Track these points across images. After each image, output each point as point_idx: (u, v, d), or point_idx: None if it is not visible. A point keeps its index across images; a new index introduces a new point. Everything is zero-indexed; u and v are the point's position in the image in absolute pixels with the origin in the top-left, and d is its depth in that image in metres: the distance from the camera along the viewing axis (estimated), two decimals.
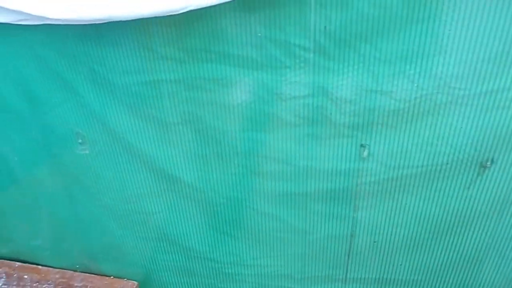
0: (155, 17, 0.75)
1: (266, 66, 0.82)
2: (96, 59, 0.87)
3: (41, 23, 0.79)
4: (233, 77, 0.84)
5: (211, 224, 1.06)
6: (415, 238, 0.99)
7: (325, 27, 0.75)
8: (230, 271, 1.14)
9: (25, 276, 1.23)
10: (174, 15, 0.72)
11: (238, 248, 1.09)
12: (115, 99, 0.91)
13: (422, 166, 0.88)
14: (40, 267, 1.26)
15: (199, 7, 0.70)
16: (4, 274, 1.24)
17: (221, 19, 0.78)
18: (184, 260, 1.16)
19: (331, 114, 0.84)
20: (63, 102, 0.94)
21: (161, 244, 1.14)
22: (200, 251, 1.12)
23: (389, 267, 1.06)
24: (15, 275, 1.24)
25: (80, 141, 0.98)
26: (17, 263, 1.27)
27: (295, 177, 0.95)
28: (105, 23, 0.80)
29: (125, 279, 1.22)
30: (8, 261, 1.27)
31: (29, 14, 0.74)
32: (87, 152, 1.00)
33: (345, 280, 1.11)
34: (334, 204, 0.97)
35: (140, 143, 0.96)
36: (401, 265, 1.05)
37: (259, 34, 0.78)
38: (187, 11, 0.71)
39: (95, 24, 0.82)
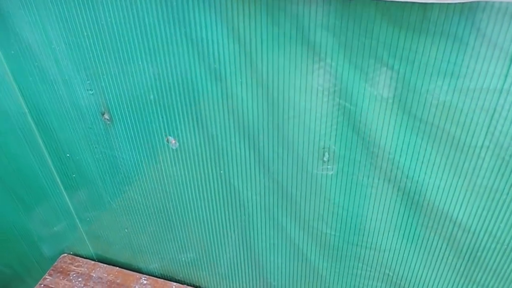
0: None
1: None
2: (398, 50, 0.61)
3: None
4: None
5: (466, 273, 0.82)
6: None
7: None
8: None
9: None
10: None
11: None
12: (400, 108, 0.66)
13: None
14: None
15: None
16: None
17: None
18: None
19: None
20: (315, 106, 0.69)
21: (381, 285, 0.91)
22: None
23: None
24: None
25: (326, 158, 0.74)
26: (174, 283, 1.06)
27: None
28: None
29: None
30: (163, 280, 1.07)
31: None
32: (330, 173, 0.75)
33: None
34: None
35: (409, 165, 0.72)
36: None
37: None
38: None
39: (412, 3, 0.57)
